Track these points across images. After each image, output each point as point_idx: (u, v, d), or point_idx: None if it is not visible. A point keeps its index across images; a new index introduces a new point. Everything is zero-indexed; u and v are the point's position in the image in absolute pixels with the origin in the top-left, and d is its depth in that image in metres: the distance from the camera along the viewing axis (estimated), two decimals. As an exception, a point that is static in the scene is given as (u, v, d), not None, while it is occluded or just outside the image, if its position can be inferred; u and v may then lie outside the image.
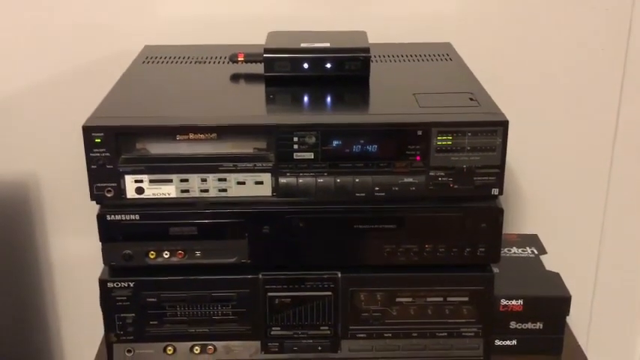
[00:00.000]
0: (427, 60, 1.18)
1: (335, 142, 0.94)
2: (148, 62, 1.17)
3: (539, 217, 1.41)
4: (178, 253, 0.97)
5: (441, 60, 1.18)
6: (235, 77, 1.11)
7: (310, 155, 0.94)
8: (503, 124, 0.93)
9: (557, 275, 1.12)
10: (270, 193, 0.95)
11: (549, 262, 1.16)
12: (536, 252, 1.19)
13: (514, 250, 1.19)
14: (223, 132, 0.93)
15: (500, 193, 0.95)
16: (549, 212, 1.41)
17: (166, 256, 0.97)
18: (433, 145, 0.93)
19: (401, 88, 1.06)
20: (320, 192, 0.95)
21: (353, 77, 1.06)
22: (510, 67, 1.31)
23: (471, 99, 0.99)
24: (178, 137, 0.93)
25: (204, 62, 1.17)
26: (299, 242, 0.98)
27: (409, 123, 0.93)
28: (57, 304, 1.46)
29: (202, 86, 1.09)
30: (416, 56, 1.20)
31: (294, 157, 0.94)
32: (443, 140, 0.93)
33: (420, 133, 0.93)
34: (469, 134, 0.93)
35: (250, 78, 1.10)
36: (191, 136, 0.93)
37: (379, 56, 1.18)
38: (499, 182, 0.95)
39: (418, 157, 0.94)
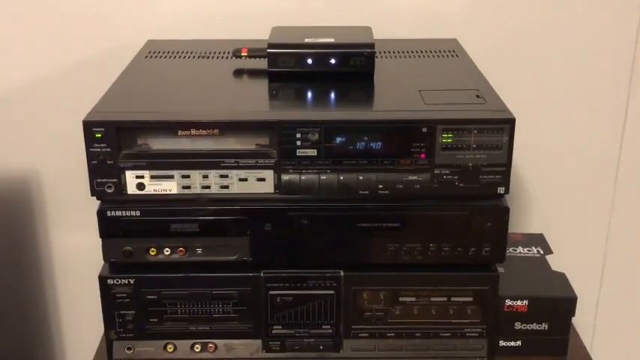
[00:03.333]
0: (433, 56, 1.17)
1: (338, 139, 0.92)
2: (151, 57, 1.16)
3: (545, 216, 1.39)
4: (179, 250, 0.96)
5: (447, 56, 1.17)
6: (238, 72, 1.10)
7: (313, 152, 0.93)
8: (510, 122, 0.91)
9: (562, 275, 1.11)
10: (272, 190, 0.94)
11: (555, 262, 1.15)
12: (541, 252, 1.18)
13: (519, 249, 1.18)
14: (225, 128, 0.92)
15: (507, 191, 0.94)
16: (555, 211, 1.40)
17: (167, 253, 0.97)
18: (438, 143, 0.92)
19: (406, 85, 1.05)
20: (323, 189, 0.94)
21: (357, 73, 1.04)
22: (517, 64, 1.30)
23: (478, 96, 0.98)
24: (180, 133, 0.92)
25: (208, 57, 1.16)
26: (301, 240, 0.97)
27: (414, 120, 0.92)
28: (57, 301, 1.46)
29: (205, 81, 1.08)
30: (421, 52, 1.18)
31: (297, 154, 0.93)
32: (448, 138, 0.92)
33: (425, 130, 0.92)
34: (475, 132, 0.91)
35: (253, 73, 1.09)
36: (193, 131, 0.92)
37: (384, 52, 1.16)
38: (505, 181, 0.93)
39: (423, 155, 0.93)
